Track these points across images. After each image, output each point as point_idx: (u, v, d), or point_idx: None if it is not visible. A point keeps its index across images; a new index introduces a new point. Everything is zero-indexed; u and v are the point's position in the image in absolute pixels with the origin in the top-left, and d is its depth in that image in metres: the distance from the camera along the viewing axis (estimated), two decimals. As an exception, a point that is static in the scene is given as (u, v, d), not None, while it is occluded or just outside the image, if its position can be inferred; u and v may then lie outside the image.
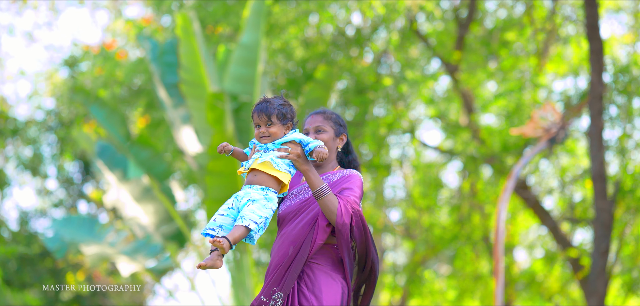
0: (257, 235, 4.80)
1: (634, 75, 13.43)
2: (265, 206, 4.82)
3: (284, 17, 14.45)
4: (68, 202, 20.23)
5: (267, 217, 4.82)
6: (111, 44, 17.39)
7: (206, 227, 4.82)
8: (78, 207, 20.32)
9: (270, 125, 4.88)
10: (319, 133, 5.12)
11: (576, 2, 14.81)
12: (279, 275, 4.88)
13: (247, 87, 12.61)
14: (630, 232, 14.27)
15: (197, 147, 12.92)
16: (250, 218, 4.76)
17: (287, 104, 4.96)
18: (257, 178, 4.88)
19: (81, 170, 20.23)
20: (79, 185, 20.32)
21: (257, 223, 4.77)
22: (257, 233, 4.79)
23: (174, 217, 13.16)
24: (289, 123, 4.95)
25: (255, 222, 4.76)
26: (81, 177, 20.31)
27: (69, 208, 20.10)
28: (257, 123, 4.92)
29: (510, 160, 14.59)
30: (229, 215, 4.84)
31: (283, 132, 4.93)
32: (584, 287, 14.12)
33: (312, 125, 5.14)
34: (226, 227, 4.82)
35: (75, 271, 19.27)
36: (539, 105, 13.81)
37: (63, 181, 20.25)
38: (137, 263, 12.98)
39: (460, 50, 15.13)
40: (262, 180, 4.87)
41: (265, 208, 4.82)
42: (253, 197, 4.82)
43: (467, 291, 17.25)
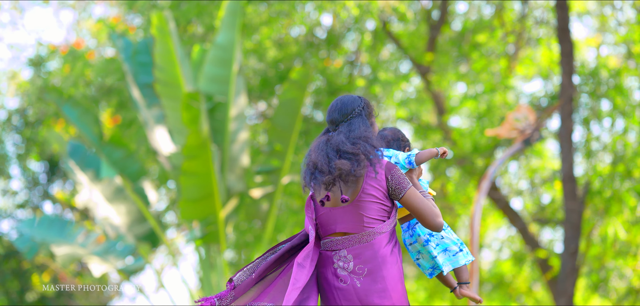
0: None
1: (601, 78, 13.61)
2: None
3: (257, 17, 14.45)
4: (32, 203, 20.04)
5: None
6: (79, 43, 17.24)
7: (471, 254, 4.92)
8: (43, 208, 20.13)
9: None
10: None
11: (547, 5, 14.99)
12: None
13: (222, 87, 12.58)
14: (597, 233, 14.46)
15: (171, 147, 12.86)
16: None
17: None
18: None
19: (47, 171, 20.04)
20: (44, 185, 20.12)
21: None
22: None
23: (146, 217, 13.09)
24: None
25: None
26: (46, 177, 20.12)
27: (34, 208, 19.90)
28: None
29: (481, 161, 14.72)
30: None
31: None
32: (552, 287, 14.28)
33: None
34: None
35: (40, 272, 19.09)
36: (509, 107, 13.96)
37: (28, 181, 20.04)
38: (109, 264, 12.89)
39: (431, 52, 15.25)
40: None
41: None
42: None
43: (437, 292, 17.36)
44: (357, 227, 4.71)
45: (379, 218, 4.71)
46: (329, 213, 4.77)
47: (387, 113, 15.89)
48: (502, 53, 14.85)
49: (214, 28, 14.28)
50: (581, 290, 16.39)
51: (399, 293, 4.68)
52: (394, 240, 4.73)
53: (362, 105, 4.87)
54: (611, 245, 13.86)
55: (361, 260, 4.68)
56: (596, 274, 14.24)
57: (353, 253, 4.70)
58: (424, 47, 15.68)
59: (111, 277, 19.44)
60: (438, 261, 4.81)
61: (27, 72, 19.11)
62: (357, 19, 14.34)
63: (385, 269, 4.66)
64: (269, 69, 15.14)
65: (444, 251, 4.80)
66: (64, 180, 19.99)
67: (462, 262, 4.79)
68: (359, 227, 4.71)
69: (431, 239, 4.82)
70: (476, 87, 14.98)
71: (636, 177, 12.94)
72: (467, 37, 15.30)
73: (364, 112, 4.86)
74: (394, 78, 14.85)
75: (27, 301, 19.04)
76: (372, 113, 4.90)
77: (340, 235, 4.74)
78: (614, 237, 13.63)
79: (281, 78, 14.77)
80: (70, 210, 20.05)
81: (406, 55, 15.47)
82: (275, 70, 14.97)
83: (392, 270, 4.67)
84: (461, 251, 4.81)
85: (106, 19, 16.68)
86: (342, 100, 4.91)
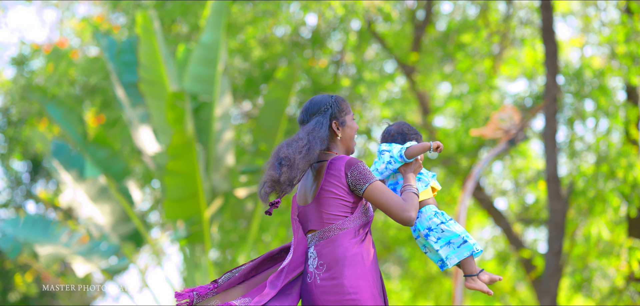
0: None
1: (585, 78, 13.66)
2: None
3: (242, 17, 14.43)
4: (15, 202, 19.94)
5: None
6: (63, 42, 17.17)
7: (477, 243, 4.86)
8: (26, 207, 20.03)
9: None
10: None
11: (531, 5, 15.04)
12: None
13: (207, 87, 12.57)
14: (581, 233, 14.51)
15: (156, 146, 12.83)
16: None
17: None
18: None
19: (30, 170, 19.95)
20: (27, 185, 20.03)
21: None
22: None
23: (131, 216, 13.05)
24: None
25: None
26: (30, 176, 20.03)
27: (17, 208, 19.81)
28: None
29: (465, 161, 14.76)
30: None
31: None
32: (536, 287, 14.32)
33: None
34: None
35: (23, 272, 19.00)
36: (493, 107, 13.99)
37: (11, 181, 19.94)
38: (93, 264, 12.85)
39: (416, 52, 15.27)
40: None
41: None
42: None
43: (421, 292, 17.40)
44: (319, 224, 4.77)
45: (339, 214, 4.73)
46: (303, 212, 4.86)
47: (372, 113, 15.90)
48: (486, 53, 14.89)
49: (198, 27, 14.25)
50: (565, 289, 16.44)
51: (361, 291, 4.64)
52: (361, 236, 4.73)
53: (329, 103, 4.91)
54: (595, 245, 13.90)
55: (322, 257, 4.71)
56: (580, 274, 14.28)
57: (317, 250, 4.74)
58: (409, 47, 15.71)
59: (95, 277, 19.37)
60: (441, 255, 4.79)
61: (10, 71, 19.01)
62: (342, 18, 14.35)
63: (344, 265, 4.66)
64: (254, 68, 15.12)
65: (447, 244, 4.77)
66: (48, 179, 19.91)
67: (467, 254, 4.75)
68: (320, 224, 4.76)
69: (430, 233, 4.81)
70: (461, 87, 15.01)
71: (620, 177, 12.99)
72: (451, 37, 15.34)
73: (331, 110, 4.88)
74: (378, 78, 14.86)
75: (9, 301, 18.95)
76: (342, 111, 4.91)
77: (310, 233, 4.81)
78: (598, 237, 13.67)
79: (266, 78, 14.76)
80: (54, 209, 19.97)
81: (391, 55, 15.49)
82: (260, 70, 14.96)
83: (354, 266, 4.66)
84: (465, 243, 4.77)
85: (90, 18, 16.61)
86: (312, 100, 4.96)
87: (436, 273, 17.46)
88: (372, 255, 4.75)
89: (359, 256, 4.68)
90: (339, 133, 4.88)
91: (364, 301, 4.62)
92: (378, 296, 4.70)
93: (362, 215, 4.75)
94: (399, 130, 5.01)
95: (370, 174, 4.72)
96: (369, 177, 4.71)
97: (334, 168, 4.77)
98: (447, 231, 4.78)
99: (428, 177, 4.95)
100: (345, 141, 4.92)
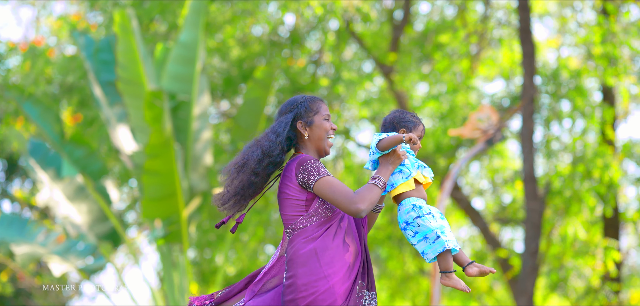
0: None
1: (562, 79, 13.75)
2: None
3: (220, 16, 14.41)
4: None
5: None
6: (39, 40, 17.07)
7: (456, 243, 4.72)
8: (2, 207, 19.90)
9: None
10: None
11: (508, 6, 15.11)
12: (362, 273, 4.76)
13: (185, 86, 12.53)
14: (557, 232, 14.60)
15: (133, 145, 12.78)
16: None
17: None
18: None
19: (6, 169, 19.82)
20: (3, 184, 19.90)
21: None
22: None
23: (108, 216, 13.00)
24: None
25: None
26: (5, 176, 19.90)
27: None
28: (420, 138, 4.91)
29: (443, 161, 14.81)
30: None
31: None
32: (512, 287, 14.39)
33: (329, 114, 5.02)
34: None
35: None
36: (471, 107, 14.05)
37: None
38: (69, 263, 12.78)
39: (394, 52, 15.31)
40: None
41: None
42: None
43: (398, 292, 17.43)
44: (284, 226, 4.78)
45: (295, 214, 4.72)
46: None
47: (350, 113, 15.93)
48: (464, 53, 14.95)
49: (177, 26, 14.22)
50: (541, 289, 16.53)
51: (315, 288, 4.59)
52: (322, 232, 4.69)
53: (297, 103, 4.89)
54: (571, 245, 14.00)
55: (286, 257, 4.72)
56: (556, 273, 14.37)
57: (286, 252, 4.74)
58: (387, 47, 15.75)
59: (71, 277, 19.27)
60: (418, 249, 4.72)
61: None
62: (321, 18, 14.36)
63: (298, 264, 4.63)
64: (233, 67, 15.11)
65: (423, 239, 4.67)
66: (24, 178, 19.79)
67: (440, 250, 4.64)
68: (284, 226, 4.78)
69: (407, 227, 4.73)
70: (439, 87, 15.07)
71: (596, 177, 13.08)
72: (429, 38, 15.39)
73: (297, 111, 4.85)
74: (357, 77, 14.89)
75: (-16, 301, 18.84)
76: (311, 111, 4.85)
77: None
78: (574, 237, 13.77)
79: (245, 78, 14.75)
80: (30, 209, 19.84)
81: (369, 55, 15.52)
82: (239, 69, 14.94)
83: (307, 264, 4.62)
84: (438, 239, 4.65)
85: (67, 17, 16.52)
86: (285, 101, 4.95)
87: (413, 272, 17.51)
88: (338, 247, 4.66)
89: (313, 253, 4.62)
90: (305, 133, 4.84)
91: (320, 299, 4.56)
92: (340, 291, 4.62)
93: (320, 211, 4.69)
94: (392, 119, 4.92)
95: (319, 170, 4.67)
96: (318, 173, 4.66)
97: (288, 169, 4.76)
98: (422, 226, 4.68)
99: (411, 168, 4.80)
100: (314, 141, 4.86)
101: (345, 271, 4.64)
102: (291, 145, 4.87)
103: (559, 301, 18.02)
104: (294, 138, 4.85)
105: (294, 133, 4.85)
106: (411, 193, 4.76)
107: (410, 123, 4.87)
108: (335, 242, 4.66)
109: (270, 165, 4.81)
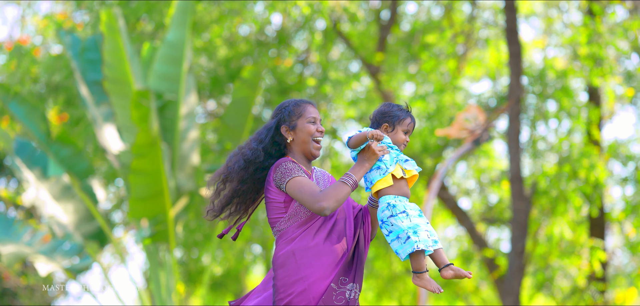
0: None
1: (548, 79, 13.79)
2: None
3: (207, 15, 14.39)
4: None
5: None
6: (25, 39, 17.00)
7: (427, 243, 4.58)
8: (-14, 206, 19.79)
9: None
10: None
11: (495, 6, 15.15)
12: (347, 269, 4.69)
13: (172, 85, 12.50)
14: (543, 232, 14.65)
15: (120, 145, 12.75)
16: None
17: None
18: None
19: (-10, 169, 19.72)
20: (-13, 183, 19.80)
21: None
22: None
23: (94, 215, 12.95)
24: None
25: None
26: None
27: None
28: (410, 133, 4.84)
29: (430, 161, 14.83)
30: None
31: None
32: (499, 287, 14.42)
33: (318, 116, 4.94)
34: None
35: (-18, 271, 18.79)
36: (458, 108, 14.08)
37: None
38: (55, 263, 12.73)
39: (381, 52, 15.32)
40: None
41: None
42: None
43: (385, 292, 17.44)
44: (271, 229, 4.86)
45: (277, 217, 4.75)
46: None
47: (338, 113, 15.94)
48: (451, 54, 14.98)
49: (164, 25, 14.19)
50: (527, 288, 16.58)
51: (291, 290, 4.62)
52: (301, 232, 4.69)
53: (282, 107, 4.91)
54: (557, 245, 14.05)
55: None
56: (542, 273, 14.41)
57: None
58: (374, 47, 15.76)
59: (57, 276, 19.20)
60: (392, 248, 4.64)
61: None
62: (308, 18, 14.36)
63: (277, 267, 4.67)
64: (219, 67, 15.09)
65: (396, 238, 4.59)
66: (9, 178, 19.69)
67: (409, 250, 4.55)
68: (271, 228, 4.84)
69: (383, 225, 4.67)
70: (425, 87, 15.09)
71: (582, 177, 13.13)
72: (416, 38, 15.41)
73: (281, 115, 4.88)
74: (344, 77, 14.90)
75: (-31, 301, 18.74)
76: (295, 115, 4.85)
77: None
78: (560, 237, 13.82)
79: (231, 77, 14.74)
80: (16, 208, 19.75)
81: (356, 55, 15.53)
82: (226, 69, 14.93)
83: (284, 266, 4.65)
84: (409, 239, 4.56)
85: (53, 16, 16.46)
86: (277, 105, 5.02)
87: (400, 272, 17.53)
88: (317, 247, 4.66)
89: (291, 254, 4.64)
90: (288, 137, 4.84)
91: (296, 301, 4.58)
92: (316, 292, 4.61)
93: (300, 212, 4.69)
94: (376, 113, 4.86)
95: (291, 171, 4.68)
96: (290, 174, 4.67)
97: (268, 173, 4.79)
98: (395, 225, 4.60)
99: (389, 164, 4.70)
100: (299, 144, 4.84)
101: (325, 270, 4.63)
102: (281, 149, 4.89)
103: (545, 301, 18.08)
104: (282, 142, 4.86)
105: (281, 138, 4.86)
106: (389, 190, 4.67)
107: (394, 118, 4.78)
108: (315, 241, 4.66)
109: (257, 170, 4.84)
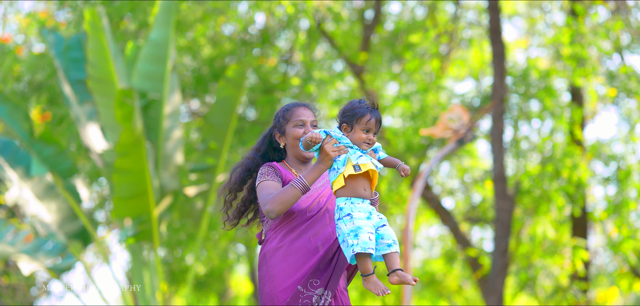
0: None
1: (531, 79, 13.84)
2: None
3: (191, 14, 14.37)
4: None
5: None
6: (7, 38, 16.92)
7: (367, 245, 4.51)
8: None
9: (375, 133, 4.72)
10: (314, 128, 4.92)
11: (479, 6, 15.20)
12: (318, 272, 4.68)
13: (156, 84, 12.47)
14: (526, 232, 14.70)
15: (104, 144, 12.71)
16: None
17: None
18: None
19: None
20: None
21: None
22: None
23: (78, 214, 12.91)
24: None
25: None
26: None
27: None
28: (373, 130, 4.67)
29: (414, 161, 14.85)
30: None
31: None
32: (482, 286, 14.47)
33: (309, 118, 4.92)
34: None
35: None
36: (441, 107, 14.11)
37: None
38: (38, 262, 12.68)
39: (365, 52, 15.34)
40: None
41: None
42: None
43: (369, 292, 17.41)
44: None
45: (261, 220, 4.89)
46: None
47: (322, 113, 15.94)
48: (434, 53, 15.01)
49: (147, 24, 14.16)
50: (509, 288, 16.64)
51: (263, 292, 4.68)
52: (270, 236, 4.75)
53: (276, 115, 4.97)
54: (540, 244, 14.10)
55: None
56: (525, 272, 14.47)
57: None
58: (358, 46, 15.78)
59: (39, 275, 19.11)
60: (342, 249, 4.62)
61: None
62: (292, 17, 14.36)
63: (260, 267, 4.76)
64: (203, 66, 15.08)
65: (342, 241, 4.55)
66: (-9, 177, 19.58)
67: (350, 254, 4.50)
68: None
69: (335, 228, 4.71)
70: (409, 86, 15.12)
71: (564, 177, 13.19)
72: (400, 38, 15.43)
73: (274, 122, 4.95)
74: (328, 77, 14.89)
75: (-50, 301, 18.63)
76: (284, 121, 4.89)
77: None
78: (543, 236, 13.87)
79: (215, 76, 14.72)
80: (-2, 208, 19.65)
81: (340, 55, 15.54)
82: (210, 68, 14.91)
83: (260, 269, 4.74)
84: (344, 242, 4.52)
85: (35, 14, 16.39)
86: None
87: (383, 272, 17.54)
88: (284, 247, 4.68)
89: (263, 257, 4.73)
90: (281, 143, 4.90)
91: (266, 300, 4.64)
92: (279, 289, 4.63)
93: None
94: (338, 114, 4.76)
95: (262, 175, 4.73)
96: (260, 178, 4.74)
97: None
98: (339, 228, 4.57)
99: (340, 164, 4.62)
100: (290, 149, 4.88)
101: (289, 269, 4.66)
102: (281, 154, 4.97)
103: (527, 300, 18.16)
104: (280, 149, 4.96)
105: (276, 146, 4.97)
106: (342, 192, 4.60)
107: (351, 117, 4.64)
108: (283, 242, 4.70)
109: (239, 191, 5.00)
